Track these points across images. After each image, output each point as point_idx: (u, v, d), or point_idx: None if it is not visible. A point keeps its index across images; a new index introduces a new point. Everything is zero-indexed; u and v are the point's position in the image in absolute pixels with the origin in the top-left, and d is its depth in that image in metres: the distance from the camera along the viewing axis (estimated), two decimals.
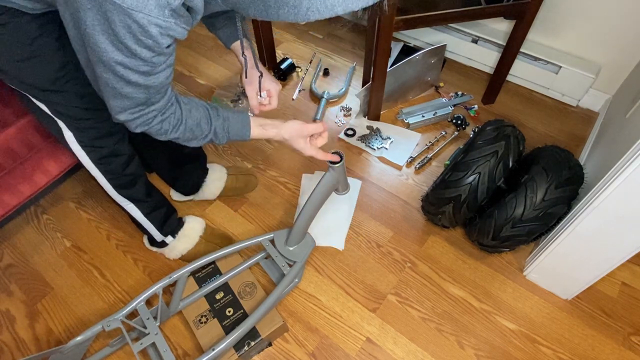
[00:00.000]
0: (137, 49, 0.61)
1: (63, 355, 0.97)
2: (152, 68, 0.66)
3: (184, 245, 1.24)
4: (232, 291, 1.14)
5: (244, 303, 1.12)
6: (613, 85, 1.58)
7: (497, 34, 1.71)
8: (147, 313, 1.02)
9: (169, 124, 0.79)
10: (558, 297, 1.20)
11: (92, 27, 0.59)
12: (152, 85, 0.69)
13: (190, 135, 0.83)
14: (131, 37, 0.59)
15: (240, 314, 1.10)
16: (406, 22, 1.31)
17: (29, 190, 1.24)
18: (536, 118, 1.67)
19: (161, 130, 0.79)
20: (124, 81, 0.67)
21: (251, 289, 1.15)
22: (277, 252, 1.16)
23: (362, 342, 1.13)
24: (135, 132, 0.78)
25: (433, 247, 1.31)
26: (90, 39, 0.61)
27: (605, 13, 1.44)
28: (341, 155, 1.02)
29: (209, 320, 1.09)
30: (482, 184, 1.12)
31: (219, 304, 1.12)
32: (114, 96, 0.70)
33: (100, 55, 0.62)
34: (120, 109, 0.72)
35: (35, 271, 1.28)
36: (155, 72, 0.68)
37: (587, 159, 1.38)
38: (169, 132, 0.80)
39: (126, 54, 0.62)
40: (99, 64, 0.65)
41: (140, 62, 0.64)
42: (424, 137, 1.61)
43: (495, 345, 1.12)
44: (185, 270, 1.09)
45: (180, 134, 0.81)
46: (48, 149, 1.25)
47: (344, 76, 1.87)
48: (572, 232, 1.00)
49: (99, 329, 0.99)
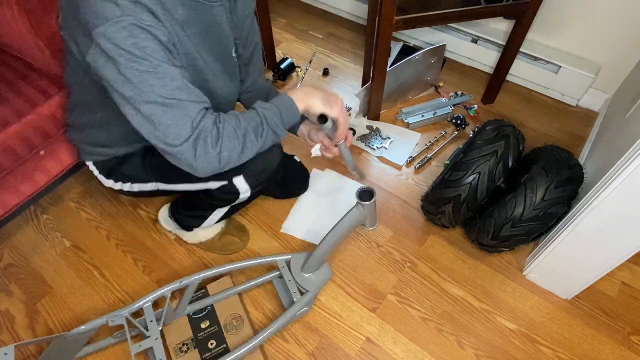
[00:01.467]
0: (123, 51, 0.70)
1: (65, 341, 0.97)
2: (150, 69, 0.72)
3: (206, 234, 1.27)
4: (219, 322, 1.12)
5: (228, 337, 1.09)
6: (613, 85, 1.58)
7: (497, 34, 1.71)
8: (152, 315, 1.01)
9: (227, 137, 0.79)
10: (558, 297, 1.20)
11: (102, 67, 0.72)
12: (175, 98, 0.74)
13: (251, 137, 0.83)
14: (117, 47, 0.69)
15: (222, 349, 1.08)
16: (406, 22, 1.31)
17: (29, 190, 1.24)
18: (536, 118, 1.67)
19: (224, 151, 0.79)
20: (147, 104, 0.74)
21: (238, 322, 1.12)
22: (291, 277, 1.13)
23: (362, 342, 1.13)
24: (203, 175, 0.81)
25: (433, 247, 1.31)
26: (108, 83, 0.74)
27: (605, 13, 1.44)
28: (372, 193, 0.98)
29: (189, 350, 1.07)
30: (482, 184, 1.12)
31: (203, 334, 1.10)
32: (161, 127, 0.75)
33: (120, 92, 0.74)
34: (175, 139, 0.76)
35: (35, 271, 1.28)
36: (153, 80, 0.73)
37: (587, 159, 1.38)
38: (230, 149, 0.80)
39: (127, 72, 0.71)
40: (128, 106, 0.75)
41: (144, 72, 0.71)
42: (424, 137, 1.61)
43: (495, 345, 1.12)
44: (197, 277, 1.08)
45: (243, 142, 0.82)
46: (48, 148, 1.25)
47: (344, 76, 1.87)
48: (572, 232, 1.00)
49: (103, 322, 0.99)
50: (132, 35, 0.69)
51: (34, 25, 1.19)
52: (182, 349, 1.08)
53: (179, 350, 1.07)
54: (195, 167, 0.78)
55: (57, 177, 1.30)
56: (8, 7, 1.14)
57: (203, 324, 1.12)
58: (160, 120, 0.74)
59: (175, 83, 0.74)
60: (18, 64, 1.30)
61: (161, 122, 0.74)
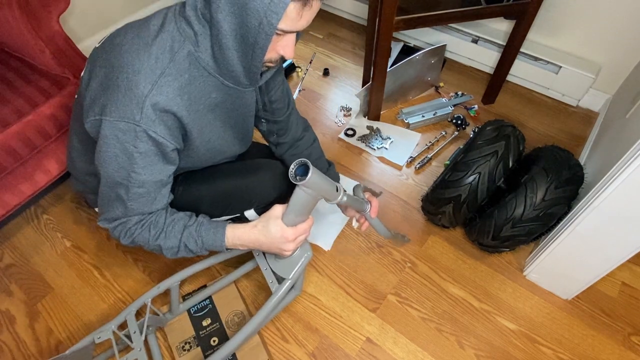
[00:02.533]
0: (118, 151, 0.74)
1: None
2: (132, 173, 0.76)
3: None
4: (220, 319, 1.12)
5: (230, 334, 1.09)
6: (613, 85, 1.58)
7: (497, 34, 1.71)
8: (134, 326, 0.98)
9: (148, 232, 0.84)
10: (558, 297, 1.20)
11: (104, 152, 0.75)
12: (132, 196, 0.79)
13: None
14: (118, 142, 0.73)
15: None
16: (406, 22, 1.31)
17: (29, 189, 1.24)
18: (536, 118, 1.67)
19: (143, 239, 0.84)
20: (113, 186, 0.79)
21: (240, 319, 1.12)
22: (267, 265, 1.02)
23: (362, 342, 1.13)
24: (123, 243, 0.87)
25: (433, 247, 1.31)
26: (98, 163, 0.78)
27: (605, 13, 1.44)
28: (307, 166, 0.74)
29: (192, 349, 1.07)
30: (482, 184, 1.12)
31: (204, 332, 1.10)
32: (103, 205, 0.83)
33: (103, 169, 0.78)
34: (104, 218, 0.85)
35: (35, 271, 1.28)
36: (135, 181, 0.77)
37: (587, 159, 1.38)
38: (149, 241, 0.84)
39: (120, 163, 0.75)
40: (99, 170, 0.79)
41: (124, 173, 0.76)
42: (424, 137, 1.61)
43: (495, 345, 1.12)
44: (176, 278, 1.04)
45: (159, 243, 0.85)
46: (49, 148, 1.26)
47: (344, 76, 1.87)
48: (572, 232, 1.00)
49: (90, 340, 0.95)
50: (138, 138, 0.73)
51: (34, 25, 1.19)
52: (185, 347, 1.08)
53: (181, 349, 1.07)
54: (102, 226, 0.87)
55: (57, 177, 1.30)
56: (8, 7, 1.14)
57: (204, 322, 1.12)
58: (103, 200, 0.83)
59: (141, 189, 0.79)
60: (18, 64, 1.30)
61: (105, 203, 0.83)
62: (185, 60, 0.73)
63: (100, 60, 0.77)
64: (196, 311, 1.14)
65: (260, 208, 1.03)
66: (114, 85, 0.71)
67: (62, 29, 1.28)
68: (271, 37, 0.66)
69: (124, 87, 0.70)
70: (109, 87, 0.72)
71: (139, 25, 0.75)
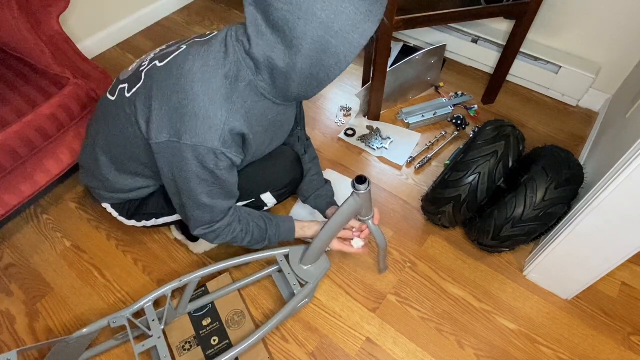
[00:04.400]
0: (201, 172, 0.83)
1: (67, 345, 0.97)
2: (217, 188, 0.88)
3: (210, 245, 1.30)
4: (220, 318, 1.12)
5: (231, 333, 1.10)
6: (613, 85, 1.58)
7: (497, 34, 1.71)
8: (153, 314, 1.01)
9: (233, 233, 0.98)
10: (558, 297, 1.20)
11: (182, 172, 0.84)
12: (215, 206, 0.91)
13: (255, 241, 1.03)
14: (198, 164, 0.81)
15: (225, 345, 1.07)
16: (406, 22, 1.31)
17: (29, 189, 1.24)
18: (536, 118, 1.67)
19: (236, 239, 1.00)
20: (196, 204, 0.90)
21: (240, 318, 1.12)
22: (290, 269, 1.13)
23: (362, 342, 1.13)
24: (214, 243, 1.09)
25: (433, 247, 1.31)
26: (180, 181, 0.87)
27: (605, 13, 1.44)
28: (367, 181, 0.91)
29: (192, 348, 1.07)
30: (482, 184, 1.12)
31: (205, 331, 1.10)
32: (189, 215, 0.94)
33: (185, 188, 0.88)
34: (194, 226, 0.95)
35: (35, 271, 1.28)
36: (218, 196, 0.90)
37: (587, 159, 1.38)
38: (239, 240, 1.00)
39: (200, 180, 0.85)
40: (172, 186, 0.90)
41: (207, 185, 0.86)
42: (424, 137, 1.61)
43: (495, 345, 1.12)
44: (197, 275, 1.07)
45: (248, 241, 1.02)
46: (48, 148, 1.26)
47: (344, 76, 1.87)
48: (572, 232, 1.00)
49: (104, 324, 0.99)
50: (218, 159, 0.82)
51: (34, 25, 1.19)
52: (185, 347, 1.08)
53: (182, 348, 1.07)
54: (196, 235, 0.98)
55: (57, 177, 1.30)
56: (8, 7, 1.14)
57: (204, 321, 1.12)
58: (192, 212, 0.92)
59: (221, 193, 0.90)
60: (18, 64, 1.30)
61: (191, 214, 0.92)
62: (247, 87, 0.81)
63: (166, 82, 0.81)
64: (196, 311, 1.14)
65: (275, 191, 1.11)
66: (190, 113, 0.78)
67: (62, 29, 1.28)
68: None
69: (202, 116, 0.77)
70: (185, 114, 0.78)
71: (204, 52, 0.80)
